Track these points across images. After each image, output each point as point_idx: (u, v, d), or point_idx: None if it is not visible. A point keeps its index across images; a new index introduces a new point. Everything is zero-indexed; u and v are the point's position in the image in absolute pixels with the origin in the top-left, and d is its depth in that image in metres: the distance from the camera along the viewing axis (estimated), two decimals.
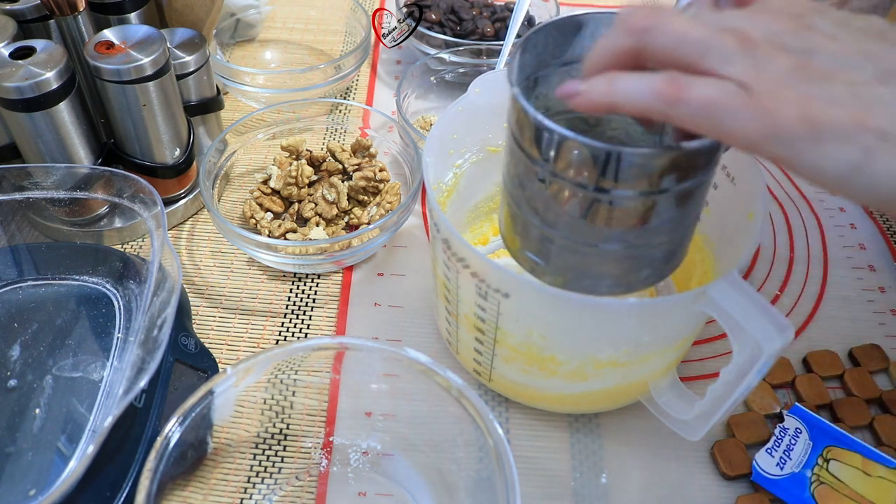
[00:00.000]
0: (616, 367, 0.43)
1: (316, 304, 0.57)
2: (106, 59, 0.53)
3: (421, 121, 0.74)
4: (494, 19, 0.79)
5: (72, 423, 0.41)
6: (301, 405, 0.48)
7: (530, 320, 0.42)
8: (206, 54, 0.62)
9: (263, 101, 0.74)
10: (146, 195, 0.48)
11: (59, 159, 0.54)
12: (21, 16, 0.55)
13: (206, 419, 0.41)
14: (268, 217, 0.61)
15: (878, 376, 0.53)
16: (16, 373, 0.43)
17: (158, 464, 0.36)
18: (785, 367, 0.53)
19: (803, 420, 0.49)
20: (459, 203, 0.56)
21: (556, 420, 0.50)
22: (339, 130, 0.72)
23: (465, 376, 0.51)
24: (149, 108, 0.55)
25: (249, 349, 0.54)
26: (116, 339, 0.46)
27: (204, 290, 0.58)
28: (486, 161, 0.55)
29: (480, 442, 0.39)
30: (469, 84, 0.50)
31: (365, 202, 0.63)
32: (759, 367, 0.37)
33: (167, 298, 0.41)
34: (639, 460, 0.48)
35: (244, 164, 0.68)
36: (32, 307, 0.47)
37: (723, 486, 0.47)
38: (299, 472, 0.47)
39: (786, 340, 0.36)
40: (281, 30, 0.87)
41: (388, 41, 0.78)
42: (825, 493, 0.45)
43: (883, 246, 0.64)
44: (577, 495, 0.46)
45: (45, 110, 0.51)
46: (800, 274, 0.61)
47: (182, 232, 0.63)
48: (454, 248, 0.42)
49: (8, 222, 0.57)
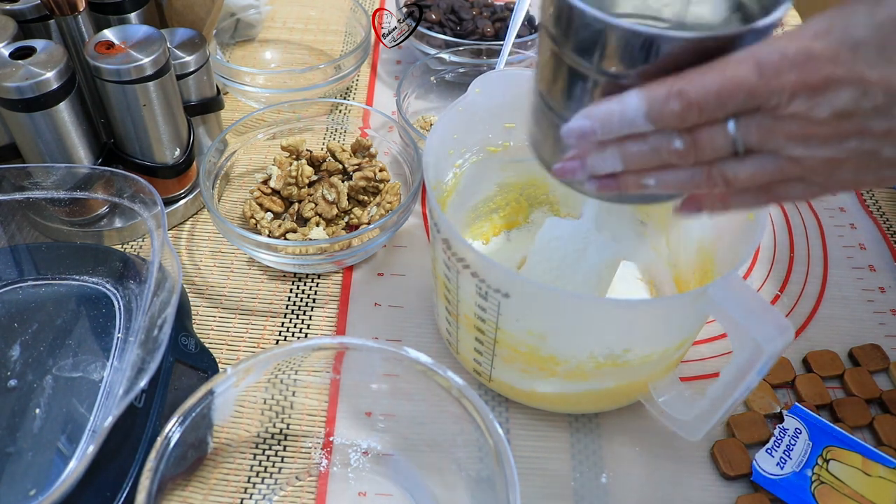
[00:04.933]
0: (616, 367, 0.43)
1: (316, 304, 0.57)
2: (106, 59, 0.53)
3: (421, 121, 0.74)
4: (494, 19, 0.79)
5: (72, 423, 0.41)
6: (301, 405, 0.49)
7: (530, 320, 0.42)
8: (206, 54, 0.62)
9: (263, 101, 0.74)
10: (146, 195, 0.48)
11: (59, 159, 0.54)
12: (21, 16, 0.55)
13: (206, 419, 0.41)
14: (268, 217, 0.61)
15: (878, 376, 0.53)
16: (16, 373, 0.43)
17: (158, 464, 0.36)
18: (785, 367, 0.53)
19: (803, 420, 0.49)
20: (459, 203, 0.56)
21: (556, 420, 0.50)
22: (339, 130, 0.72)
23: (465, 376, 0.51)
24: (149, 108, 0.55)
25: (249, 349, 0.54)
26: (116, 339, 0.46)
27: (204, 290, 0.58)
28: (486, 161, 0.55)
29: (480, 442, 0.39)
30: (469, 84, 0.50)
31: (365, 202, 0.63)
32: (759, 367, 0.37)
33: (167, 298, 0.41)
34: (639, 460, 0.48)
35: (244, 164, 0.68)
36: (32, 307, 0.47)
37: (723, 486, 0.47)
38: (299, 472, 0.47)
39: (786, 340, 0.36)
40: (281, 30, 0.87)
41: (388, 41, 0.78)
42: (825, 493, 0.45)
43: (883, 246, 0.64)
44: (577, 495, 0.46)
45: (45, 110, 0.51)
46: (800, 274, 0.61)
47: (182, 232, 0.63)
48: (454, 248, 0.42)
49: (8, 222, 0.57)
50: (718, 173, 0.31)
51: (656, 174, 0.32)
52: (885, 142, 0.28)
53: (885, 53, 0.26)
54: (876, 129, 0.28)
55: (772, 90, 0.28)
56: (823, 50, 0.27)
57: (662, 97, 0.29)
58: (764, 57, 0.28)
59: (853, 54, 0.26)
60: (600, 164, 0.32)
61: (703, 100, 0.29)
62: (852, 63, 0.26)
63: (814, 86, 0.27)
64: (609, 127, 0.31)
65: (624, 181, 0.33)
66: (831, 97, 0.27)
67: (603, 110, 0.31)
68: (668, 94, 0.29)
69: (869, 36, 0.26)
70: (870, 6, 0.27)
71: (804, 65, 0.27)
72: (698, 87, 0.29)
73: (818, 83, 0.27)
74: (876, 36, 0.26)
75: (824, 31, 0.27)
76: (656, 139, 0.31)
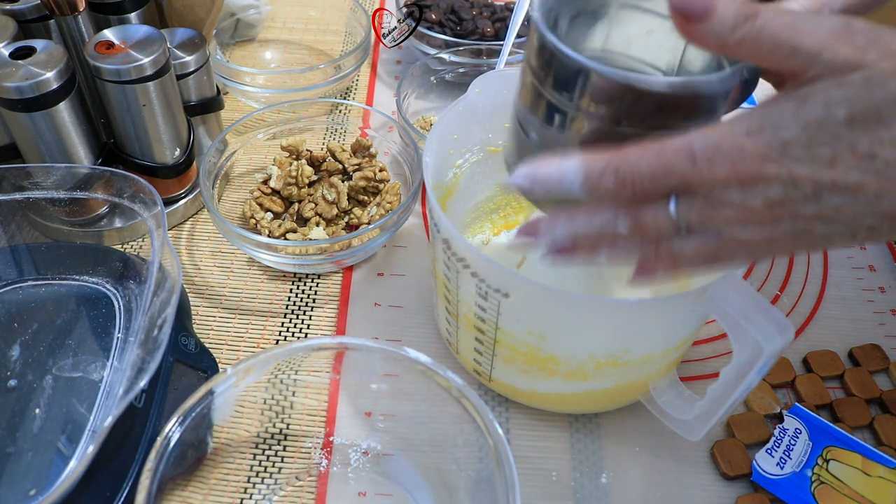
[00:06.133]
0: (616, 367, 0.43)
1: (316, 304, 0.57)
2: (106, 59, 0.53)
3: (421, 121, 0.74)
4: (494, 19, 0.79)
5: (72, 423, 0.41)
6: (301, 405, 0.49)
7: (530, 320, 0.42)
8: (206, 54, 0.62)
9: (263, 101, 0.74)
10: (146, 195, 0.48)
11: (59, 159, 0.54)
12: (21, 16, 0.55)
13: (206, 419, 0.41)
14: (268, 217, 0.61)
15: (878, 376, 0.53)
16: (16, 373, 0.43)
17: (158, 464, 0.36)
18: (785, 367, 0.53)
19: (803, 420, 0.49)
20: (459, 203, 0.56)
21: (556, 420, 0.50)
22: (339, 130, 0.72)
23: (465, 376, 0.51)
24: (149, 108, 0.55)
25: (249, 349, 0.54)
26: (116, 339, 0.46)
27: (204, 290, 0.58)
28: (486, 161, 0.55)
29: (480, 442, 0.39)
30: (469, 84, 0.50)
31: (365, 202, 0.63)
32: (759, 367, 0.37)
33: (167, 298, 0.41)
34: (639, 460, 0.48)
35: (244, 164, 0.68)
36: (32, 307, 0.47)
37: (723, 486, 0.47)
38: (299, 472, 0.47)
39: (786, 340, 0.36)
40: (281, 30, 0.87)
41: (388, 41, 0.78)
42: (825, 493, 0.45)
43: (883, 246, 0.64)
44: (577, 495, 0.46)
45: (45, 110, 0.51)
46: (800, 274, 0.61)
47: (182, 232, 0.63)
48: (454, 248, 0.42)
49: (8, 222, 0.57)
50: (665, 250, 0.32)
51: (606, 250, 0.33)
52: (815, 222, 0.29)
53: (811, 151, 0.28)
54: (806, 213, 0.29)
55: (704, 179, 0.29)
56: (755, 148, 0.28)
57: (598, 171, 0.31)
58: (698, 147, 0.29)
59: (782, 153, 0.28)
60: (550, 239, 0.34)
61: (637, 180, 0.30)
62: (782, 161, 0.28)
63: (746, 180, 0.29)
64: (546, 189, 0.32)
65: (575, 255, 0.34)
66: (763, 190, 0.29)
67: (542, 172, 0.32)
68: (604, 168, 0.30)
69: (796, 136, 0.28)
70: (796, 106, 0.28)
71: (737, 161, 0.28)
72: (633, 166, 0.30)
73: (749, 178, 0.29)
74: (802, 135, 0.28)
75: (756, 130, 0.28)
76: (602, 220, 0.32)
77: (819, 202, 0.29)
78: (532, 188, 0.33)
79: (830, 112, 0.27)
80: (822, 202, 0.29)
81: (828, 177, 0.28)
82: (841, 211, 0.29)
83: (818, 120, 0.28)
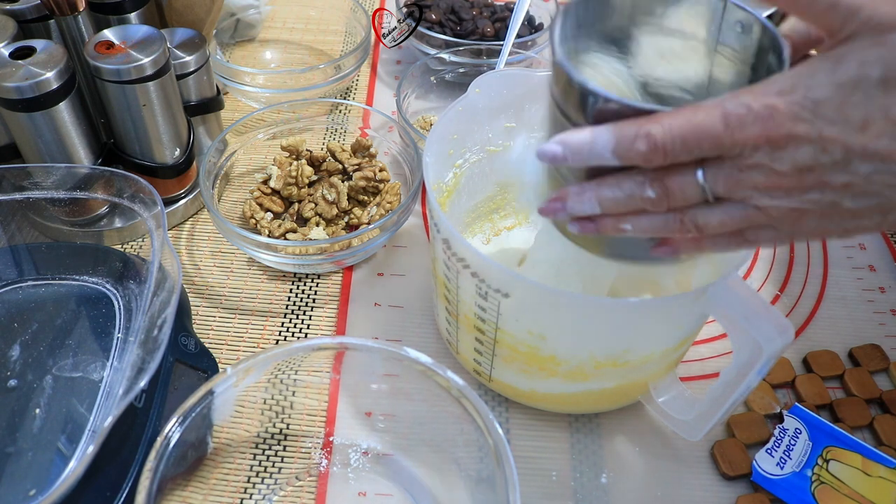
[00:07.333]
0: (616, 368, 0.43)
1: (316, 304, 0.57)
2: (106, 59, 0.53)
3: (421, 121, 0.74)
4: (494, 19, 0.79)
5: (72, 423, 0.41)
6: (301, 405, 0.49)
7: (530, 320, 0.42)
8: (206, 54, 0.62)
9: (263, 101, 0.74)
10: (146, 195, 0.48)
11: (59, 159, 0.54)
12: (21, 16, 0.55)
13: (206, 419, 0.41)
14: (268, 217, 0.61)
15: (878, 376, 0.53)
16: (16, 373, 0.43)
17: (158, 464, 0.36)
18: (785, 367, 0.53)
19: (803, 420, 0.49)
20: (459, 203, 0.56)
21: (556, 420, 0.50)
22: (339, 130, 0.72)
23: (465, 376, 0.51)
24: (149, 108, 0.55)
25: (249, 349, 0.54)
26: (116, 339, 0.46)
27: (204, 290, 0.58)
28: (486, 161, 0.55)
29: (480, 442, 0.39)
30: (469, 84, 0.50)
31: (365, 202, 0.63)
32: (759, 368, 0.37)
33: (167, 298, 0.41)
34: (639, 460, 0.48)
35: (244, 164, 0.68)
36: (32, 307, 0.47)
37: (723, 486, 0.47)
38: (299, 472, 0.47)
39: (786, 341, 0.36)
40: (281, 30, 0.87)
41: (388, 41, 0.78)
42: (825, 493, 0.45)
43: (883, 246, 0.64)
44: (577, 495, 0.46)
45: (45, 110, 0.51)
46: (800, 274, 0.61)
47: (182, 232, 0.63)
48: (454, 248, 0.42)
49: (8, 222, 0.57)
50: (690, 220, 0.32)
51: (632, 219, 0.33)
52: (844, 194, 0.29)
53: (843, 113, 0.27)
54: (835, 182, 0.29)
55: (735, 141, 0.29)
56: (787, 107, 0.28)
57: (630, 136, 0.30)
58: (731, 109, 0.29)
59: (814, 113, 0.28)
60: (579, 206, 0.34)
61: (668, 144, 0.30)
62: (813, 121, 0.28)
63: (776, 141, 0.28)
64: (579, 156, 0.32)
65: (602, 224, 0.34)
66: (792, 152, 0.28)
67: (575, 139, 0.32)
68: (636, 134, 0.30)
69: (829, 96, 0.27)
70: (830, 66, 0.28)
71: (768, 120, 0.28)
72: (665, 130, 0.30)
73: (780, 139, 0.28)
74: (835, 96, 0.27)
75: (788, 89, 0.28)
76: (630, 186, 0.32)
77: (848, 169, 0.28)
78: (564, 155, 0.32)
79: (865, 71, 0.27)
80: (852, 170, 0.28)
81: (858, 142, 0.27)
82: (871, 181, 0.28)
83: (852, 80, 0.27)
